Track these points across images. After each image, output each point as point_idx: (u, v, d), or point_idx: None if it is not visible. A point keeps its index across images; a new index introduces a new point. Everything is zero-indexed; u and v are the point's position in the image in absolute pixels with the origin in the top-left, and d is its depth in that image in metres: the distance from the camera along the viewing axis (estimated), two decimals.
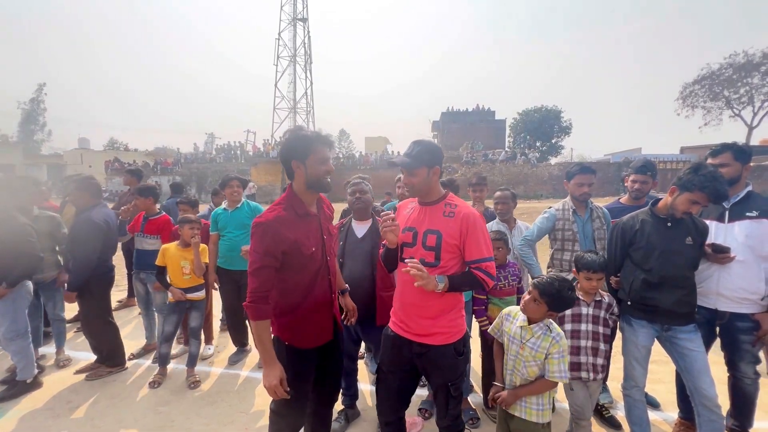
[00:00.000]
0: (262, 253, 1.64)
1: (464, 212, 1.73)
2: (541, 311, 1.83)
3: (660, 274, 2.11)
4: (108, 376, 3.29)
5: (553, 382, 1.82)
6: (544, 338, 1.82)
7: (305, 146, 1.72)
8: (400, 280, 1.86)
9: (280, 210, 1.72)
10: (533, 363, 1.83)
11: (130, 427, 2.63)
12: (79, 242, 3.11)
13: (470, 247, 1.69)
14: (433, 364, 1.78)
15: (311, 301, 1.79)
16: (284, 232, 1.66)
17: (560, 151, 40.25)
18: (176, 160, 32.17)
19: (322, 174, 1.74)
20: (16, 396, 2.96)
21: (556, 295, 1.78)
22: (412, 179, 1.77)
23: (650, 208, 2.23)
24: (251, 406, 2.87)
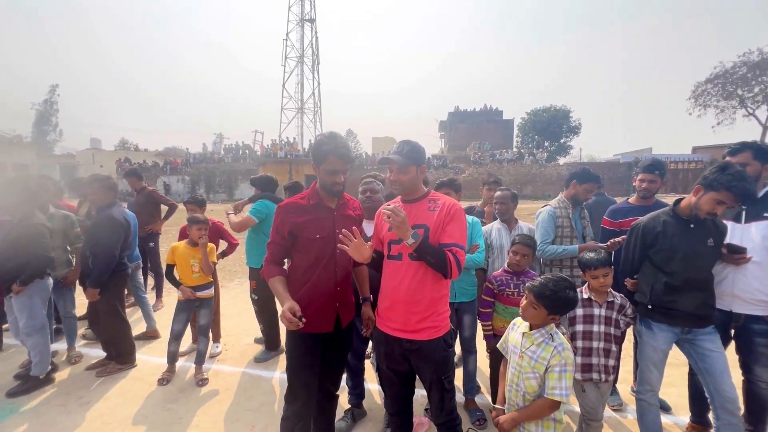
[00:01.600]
0: (274, 230, 1.93)
1: (447, 203, 1.82)
2: (541, 316, 1.68)
3: (683, 277, 2.04)
4: (118, 373, 3.33)
5: (552, 401, 1.59)
6: (545, 347, 1.64)
7: (321, 155, 1.87)
8: (388, 279, 1.86)
9: (299, 198, 1.98)
10: (531, 375, 1.64)
11: (140, 424, 2.66)
12: (101, 239, 3.16)
13: (447, 232, 1.76)
14: (425, 359, 1.80)
15: (314, 285, 1.89)
16: (292, 216, 1.90)
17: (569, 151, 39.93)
18: (185, 160, 32.52)
19: (329, 184, 1.89)
20: (29, 391, 3.01)
21: (553, 296, 1.63)
22: (403, 177, 1.82)
23: (672, 208, 2.16)
24: (258, 404, 2.89)
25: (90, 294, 3.18)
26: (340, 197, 2.00)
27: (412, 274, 1.76)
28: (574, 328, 2.16)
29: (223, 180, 29.31)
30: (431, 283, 1.75)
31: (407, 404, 2.04)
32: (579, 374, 2.12)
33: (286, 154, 30.35)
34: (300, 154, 30.45)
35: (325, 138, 1.88)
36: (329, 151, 1.84)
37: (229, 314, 4.71)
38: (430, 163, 28.42)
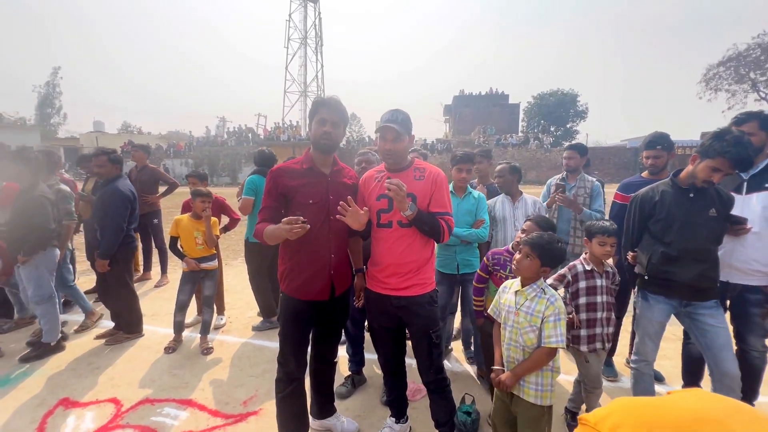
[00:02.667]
0: (265, 195, 1.92)
1: (433, 172, 1.91)
2: (534, 267, 1.75)
3: (680, 246, 2.02)
4: (125, 342, 3.43)
5: (550, 349, 1.66)
6: (539, 301, 1.71)
7: (314, 109, 1.91)
8: (379, 245, 1.94)
9: (292, 162, 1.97)
10: (529, 329, 1.70)
11: (147, 387, 2.76)
12: (108, 212, 3.21)
13: (436, 200, 1.87)
14: (413, 314, 1.92)
15: (307, 251, 1.91)
16: (285, 179, 1.89)
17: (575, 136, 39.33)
18: (188, 143, 32.48)
19: (318, 135, 1.87)
20: (40, 357, 3.12)
21: (547, 246, 1.73)
22: (397, 145, 1.86)
23: (671, 178, 2.15)
24: (261, 371, 2.97)
25: (100, 265, 3.25)
26: (334, 163, 2.00)
27: (401, 240, 1.87)
28: (577, 301, 2.17)
29: (226, 163, 29.30)
30: (418, 247, 1.89)
31: (400, 364, 2.15)
32: (585, 346, 2.15)
33: (289, 138, 30.21)
34: (303, 138, 30.30)
35: (318, 97, 1.95)
36: (320, 104, 1.90)
37: (233, 290, 4.80)
38: (434, 147, 28.21)
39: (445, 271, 2.77)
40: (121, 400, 2.61)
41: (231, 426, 2.36)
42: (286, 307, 1.95)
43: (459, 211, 2.67)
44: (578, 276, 2.17)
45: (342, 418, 2.32)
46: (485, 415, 2.38)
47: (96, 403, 2.58)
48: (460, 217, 2.66)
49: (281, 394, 1.97)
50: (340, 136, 1.93)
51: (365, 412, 2.49)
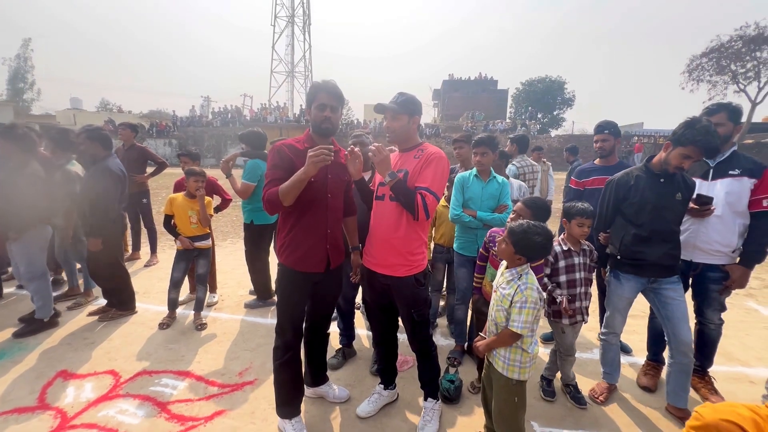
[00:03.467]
0: (271, 168, 1.95)
1: (431, 151, 1.98)
2: (508, 252, 1.79)
3: (650, 228, 2.20)
4: (119, 318, 3.49)
5: (512, 332, 1.71)
6: (512, 285, 1.76)
7: (312, 94, 1.99)
8: (373, 218, 2.10)
9: (293, 140, 2.04)
10: (500, 308, 1.78)
11: (144, 359, 2.85)
12: (99, 191, 3.21)
13: (422, 175, 1.93)
14: (397, 294, 2.05)
15: (306, 226, 2.00)
16: (287, 153, 1.94)
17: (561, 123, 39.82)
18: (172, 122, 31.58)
19: (320, 119, 1.95)
20: (34, 332, 3.16)
21: (521, 235, 1.74)
22: (394, 123, 2.00)
23: (645, 164, 2.30)
24: (255, 345, 3.09)
25: (93, 244, 3.27)
26: (333, 145, 2.08)
27: (389, 214, 1.98)
28: (557, 278, 2.32)
29: (211, 144, 28.69)
30: (406, 223, 1.96)
31: (390, 336, 2.30)
32: (567, 319, 2.33)
33: (276, 119, 29.70)
34: (290, 120, 29.82)
35: (317, 80, 2.01)
36: (319, 88, 1.96)
37: (223, 270, 4.86)
38: (423, 132, 28.19)
39: (466, 253, 2.79)
40: (119, 371, 2.69)
41: (228, 394, 2.48)
42: (284, 278, 2.06)
43: (483, 195, 2.73)
44: (557, 256, 2.33)
45: (334, 386, 2.47)
46: (467, 384, 2.57)
47: (95, 374, 2.66)
48: (484, 201, 2.72)
49: (279, 361, 2.09)
50: (339, 118, 2.02)
51: (355, 382, 2.65)
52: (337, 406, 2.39)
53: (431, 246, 3.25)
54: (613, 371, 2.51)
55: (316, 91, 1.97)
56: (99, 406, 2.34)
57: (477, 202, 2.73)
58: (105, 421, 2.22)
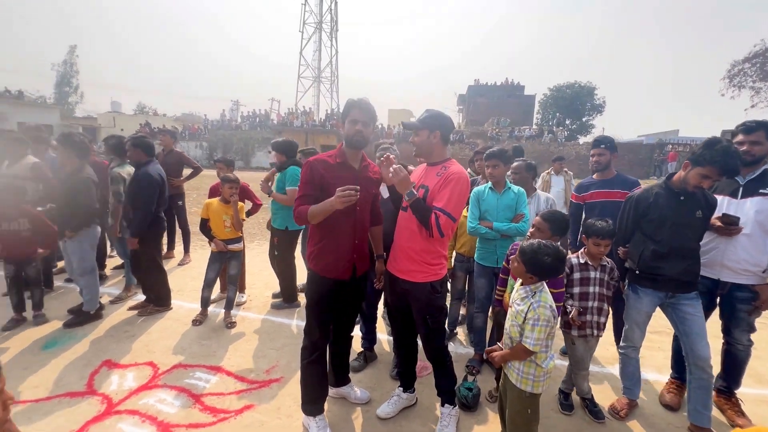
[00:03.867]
0: (304, 183, 2.11)
1: (451, 170, 2.04)
2: (519, 271, 1.85)
3: (670, 245, 2.22)
4: (156, 314, 3.74)
5: (525, 348, 1.76)
6: (526, 302, 1.81)
7: (346, 110, 2.13)
8: (397, 227, 2.21)
9: (326, 156, 2.18)
10: (515, 324, 1.84)
11: (179, 354, 3.05)
12: (140, 195, 3.47)
13: (439, 195, 2.00)
14: (413, 298, 2.13)
15: (334, 236, 2.13)
16: (318, 169, 2.09)
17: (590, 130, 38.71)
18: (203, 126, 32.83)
19: (351, 133, 2.10)
20: (81, 324, 3.44)
21: (530, 255, 1.79)
22: (415, 138, 2.13)
23: (665, 181, 2.33)
24: (281, 344, 3.25)
25: (130, 243, 3.53)
26: (363, 159, 2.22)
27: (410, 225, 2.08)
28: (571, 290, 2.38)
29: (240, 147, 29.59)
30: (425, 236, 2.04)
31: (410, 341, 2.38)
32: (576, 331, 2.36)
33: (302, 123, 30.35)
34: (316, 124, 30.41)
35: (350, 99, 2.15)
36: (352, 105, 2.12)
37: (251, 271, 5.06)
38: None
39: (486, 264, 2.84)
40: (157, 363, 2.90)
41: (256, 390, 2.63)
42: (313, 283, 2.20)
43: (498, 207, 2.78)
44: (573, 268, 2.38)
45: (355, 388, 2.57)
46: (485, 393, 2.62)
47: (135, 365, 2.88)
48: (500, 212, 2.76)
49: (306, 361, 2.21)
50: (370, 133, 2.15)
51: (375, 384, 2.74)
52: (358, 406, 2.50)
53: (453, 255, 3.31)
54: (634, 386, 2.50)
55: (350, 107, 2.12)
56: (140, 395, 2.54)
57: (493, 214, 2.78)
58: (145, 408, 2.41)
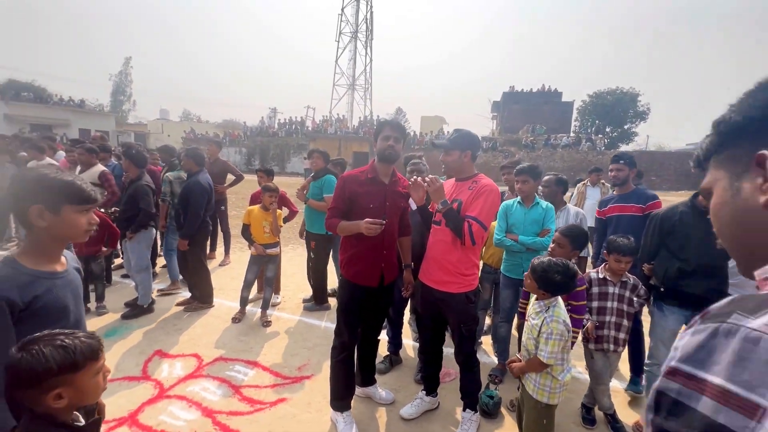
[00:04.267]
0: (336, 197, 2.32)
1: (483, 183, 2.18)
2: (532, 287, 1.94)
3: (695, 263, 2.23)
4: (200, 310, 4.07)
5: (539, 360, 1.83)
6: (540, 316, 1.89)
7: (379, 128, 2.32)
8: (431, 240, 2.33)
9: (358, 171, 2.38)
10: (530, 337, 1.92)
11: (220, 348, 3.33)
12: (190, 201, 3.83)
13: (471, 206, 2.13)
14: (449, 308, 2.25)
15: (363, 246, 2.29)
16: (350, 185, 2.29)
17: (633, 137, 36.97)
18: (243, 132, 34.43)
19: (383, 148, 2.28)
20: (136, 316, 3.82)
21: (540, 272, 1.88)
22: (447, 158, 2.28)
23: (691, 200, 2.34)
24: (312, 344, 3.46)
25: (181, 244, 3.89)
26: (393, 174, 2.39)
27: (445, 238, 2.19)
28: (590, 303, 2.43)
29: (276, 153, 30.79)
30: (459, 247, 2.16)
31: (436, 347, 2.51)
32: (592, 344, 2.41)
33: (336, 131, 31.14)
34: (349, 131, 31.08)
35: (383, 119, 2.38)
36: (384, 123, 2.33)
37: (285, 274, 5.34)
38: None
39: (512, 275, 2.92)
40: (201, 356, 3.19)
41: (289, 385, 2.84)
42: (344, 289, 2.38)
43: (526, 221, 2.85)
44: (592, 282, 2.43)
45: (380, 389, 2.73)
46: (506, 402, 2.69)
47: (182, 356, 3.18)
48: (527, 226, 2.83)
49: (336, 359, 2.40)
50: (400, 149, 2.33)
51: (400, 387, 2.88)
52: (383, 406, 2.65)
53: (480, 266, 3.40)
54: None
55: (382, 126, 2.32)
56: (187, 383, 2.82)
57: (520, 228, 2.86)
58: (192, 395, 2.68)
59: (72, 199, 1.21)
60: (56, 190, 1.18)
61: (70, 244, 4.07)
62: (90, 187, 1.26)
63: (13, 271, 1.15)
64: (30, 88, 34.65)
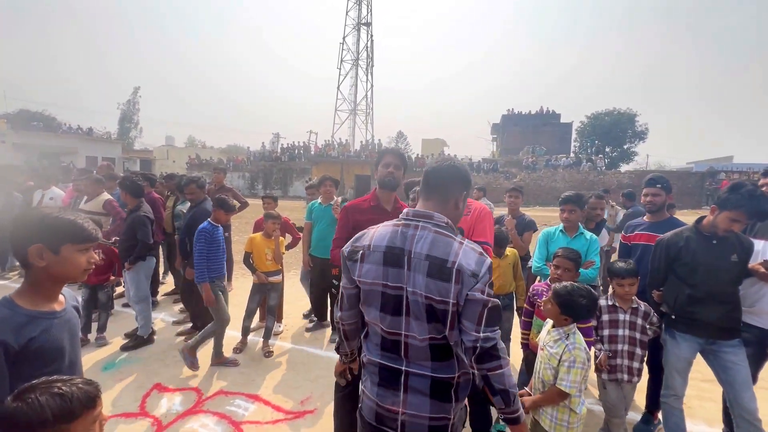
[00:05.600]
0: (340, 226, 2.34)
1: (477, 208, 2.21)
2: (553, 313, 1.88)
3: (705, 289, 2.18)
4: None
5: (560, 391, 1.77)
6: (560, 344, 1.82)
7: (380, 156, 2.35)
8: None
9: (361, 200, 2.44)
10: (548, 366, 1.84)
11: (221, 380, 3.24)
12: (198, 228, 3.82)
13: (477, 231, 2.14)
14: None
15: None
16: (355, 215, 2.33)
17: (633, 157, 37.24)
18: (246, 157, 34.93)
19: (383, 175, 2.31)
20: (136, 347, 3.74)
21: (566, 297, 1.81)
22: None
23: (695, 225, 2.31)
24: (314, 376, 3.36)
25: (189, 273, 3.84)
26: (395, 202, 2.39)
27: None
28: (601, 332, 2.36)
29: (279, 177, 31.11)
30: None
31: None
32: (605, 374, 2.33)
33: (338, 154, 31.53)
34: (351, 155, 31.46)
35: (384, 147, 2.41)
36: (385, 152, 2.38)
37: (287, 300, 5.28)
38: (480, 167, 28.10)
39: None
40: (201, 389, 3.10)
41: (291, 420, 2.74)
42: None
43: None
44: (602, 309, 2.37)
45: None
46: None
47: (182, 390, 3.09)
48: None
49: (340, 393, 2.31)
50: (401, 176, 2.35)
51: None
52: None
53: None
54: None
55: (383, 154, 2.37)
56: (186, 419, 2.73)
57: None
58: None
59: (72, 237, 1.20)
60: (57, 229, 1.18)
61: None
62: (91, 225, 1.26)
63: (9, 312, 1.13)
64: (40, 117, 35.62)
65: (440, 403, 1.26)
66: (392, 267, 1.27)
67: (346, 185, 26.49)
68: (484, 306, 1.18)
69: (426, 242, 1.24)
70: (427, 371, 1.26)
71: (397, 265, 1.26)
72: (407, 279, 1.24)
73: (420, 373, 1.26)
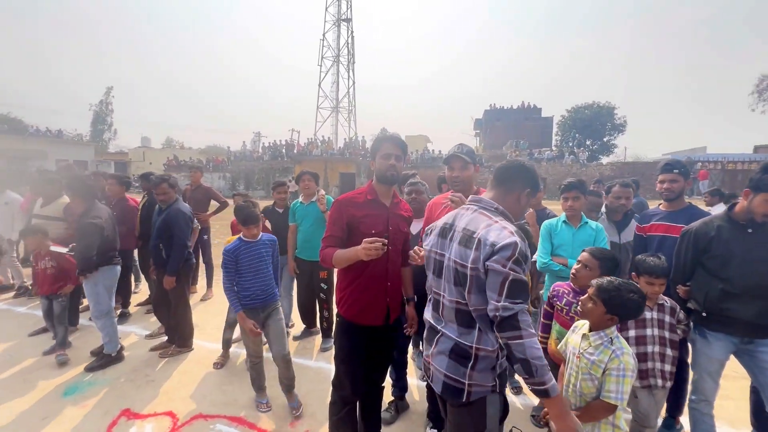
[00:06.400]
0: (331, 223, 2.02)
1: None
2: (597, 313, 1.64)
3: (741, 283, 1.97)
4: (178, 355, 3.62)
5: (608, 404, 1.56)
6: (604, 351, 1.60)
7: (377, 145, 2.03)
8: None
9: (356, 193, 2.08)
10: (588, 377, 1.62)
11: (199, 401, 2.89)
12: (174, 231, 3.45)
13: None
14: None
15: (366, 278, 1.98)
16: (349, 209, 1.99)
17: (613, 149, 37.93)
18: (227, 157, 33.98)
19: (385, 168, 1.99)
20: (103, 367, 3.34)
21: (614, 292, 1.59)
22: (465, 173, 2.14)
23: (727, 213, 2.10)
24: (305, 390, 3.04)
25: (168, 282, 3.45)
26: (394, 196, 2.10)
27: None
28: (627, 333, 2.11)
29: (261, 177, 30.34)
30: None
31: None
32: (637, 381, 2.08)
33: (321, 152, 30.97)
34: (335, 152, 30.96)
35: (380, 134, 2.08)
36: (383, 139, 2.04)
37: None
38: None
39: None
40: (176, 413, 2.75)
41: None
42: (344, 332, 2.04)
43: (574, 242, 2.57)
44: None
45: None
46: None
47: (154, 415, 2.73)
48: (576, 249, 2.49)
49: (335, 417, 2.03)
50: (402, 168, 2.07)
51: None
52: None
53: None
54: None
55: (380, 142, 2.04)
56: None
57: (568, 249, 2.57)
58: None
59: None
60: None
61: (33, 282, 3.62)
62: None
63: None
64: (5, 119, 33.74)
65: (456, 366, 1.45)
66: (442, 238, 1.57)
67: (330, 183, 26.04)
68: (505, 278, 1.29)
69: (467, 219, 1.49)
70: (454, 334, 1.48)
71: (445, 237, 1.55)
72: (448, 247, 1.51)
73: (448, 335, 1.49)
